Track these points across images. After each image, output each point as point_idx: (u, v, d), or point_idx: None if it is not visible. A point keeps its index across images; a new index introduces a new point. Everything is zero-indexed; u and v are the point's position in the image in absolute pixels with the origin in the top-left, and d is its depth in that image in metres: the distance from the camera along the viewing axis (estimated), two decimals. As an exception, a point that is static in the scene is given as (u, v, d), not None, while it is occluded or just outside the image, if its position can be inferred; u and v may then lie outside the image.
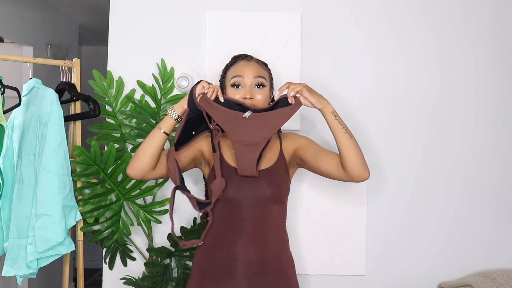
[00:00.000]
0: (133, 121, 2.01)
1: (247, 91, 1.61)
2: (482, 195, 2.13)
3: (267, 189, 1.59)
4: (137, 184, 1.92)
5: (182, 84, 2.05)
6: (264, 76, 1.65)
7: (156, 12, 2.10)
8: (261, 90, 1.63)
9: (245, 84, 1.62)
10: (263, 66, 1.69)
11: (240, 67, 1.65)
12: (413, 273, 2.12)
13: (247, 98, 1.60)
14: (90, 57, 4.79)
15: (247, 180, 1.59)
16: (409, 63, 2.13)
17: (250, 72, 1.63)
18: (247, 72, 1.63)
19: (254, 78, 1.62)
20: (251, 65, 1.65)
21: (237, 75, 1.63)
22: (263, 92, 1.63)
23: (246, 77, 1.62)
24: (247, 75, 1.63)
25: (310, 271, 2.08)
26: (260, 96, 1.62)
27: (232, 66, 1.68)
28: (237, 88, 1.63)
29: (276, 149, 1.68)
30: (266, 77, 1.67)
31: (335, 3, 2.12)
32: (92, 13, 3.86)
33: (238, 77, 1.63)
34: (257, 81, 1.62)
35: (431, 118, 2.12)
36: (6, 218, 1.88)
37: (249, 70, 1.64)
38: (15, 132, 1.90)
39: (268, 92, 1.66)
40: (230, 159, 1.63)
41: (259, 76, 1.63)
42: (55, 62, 2.00)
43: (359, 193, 2.09)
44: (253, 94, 1.61)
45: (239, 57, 1.71)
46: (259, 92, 1.62)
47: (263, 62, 1.73)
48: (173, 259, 2.00)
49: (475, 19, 2.14)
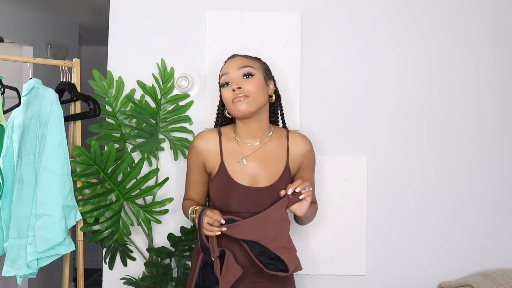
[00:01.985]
0: (133, 121, 2.01)
1: (234, 83, 1.59)
2: (482, 195, 2.13)
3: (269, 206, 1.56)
4: (137, 184, 1.92)
5: (182, 84, 2.05)
6: (251, 65, 1.63)
7: (156, 12, 2.10)
8: (250, 80, 1.59)
9: (232, 79, 1.61)
10: (250, 58, 1.67)
11: (226, 65, 1.66)
12: (413, 273, 2.12)
13: (234, 89, 1.58)
14: (90, 57, 4.79)
15: (250, 195, 1.60)
16: (409, 63, 2.13)
17: (234, 65, 1.62)
18: (231, 67, 1.62)
19: (239, 69, 1.61)
20: (234, 60, 1.65)
21: (224, 73, 1.63)
22: (253, 81, 1.59)
23: (231, 72, 1.61)
24: (231, 70, 1.62)
25: (310, 271, 2.08)
26: (249, 85, 1.58)
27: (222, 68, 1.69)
28: (226, 86, 1.62)
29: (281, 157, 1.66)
30: (254, 66, 1.63)
31: (335, 3, 2.12)
32: (92, 13, 3.86)
33: (224, 75, 1.63)
34: (242, 72, 1.60)
35: (431, 118, 2.12)
36: (6, 218, 1.88)
37: (232, 64, 1.63)
38: (15, 132, 1.90)
39: (261, 81, 1.62)
40: (233, 172, 1.62)
41: (243, 66, 1.61)
42: (55, 62, 2.00)
43: (359, 193, 2.09)
44: (240, 84, 1.58)
45: (227, 59, 1.71)
46: (248, 82, 1.59)
47: (252, 56, 1.71)
48: (173, 259, 2.00)
49: (475, 19, 2.14)
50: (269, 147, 1.66)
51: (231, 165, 1.63)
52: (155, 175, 1.96)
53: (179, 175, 2.06)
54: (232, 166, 1.63)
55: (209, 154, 1.66)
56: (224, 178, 1.62)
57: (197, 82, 2.07)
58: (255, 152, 1.65)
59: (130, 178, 1.91)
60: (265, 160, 1.64)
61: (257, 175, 1.62)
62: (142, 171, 1.95)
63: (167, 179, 1.95)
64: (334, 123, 2.11)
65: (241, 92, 1.57)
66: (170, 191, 2.05)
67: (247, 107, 1.57)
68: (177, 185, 2.07)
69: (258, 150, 1.65)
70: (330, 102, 2.11)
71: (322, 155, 2.05)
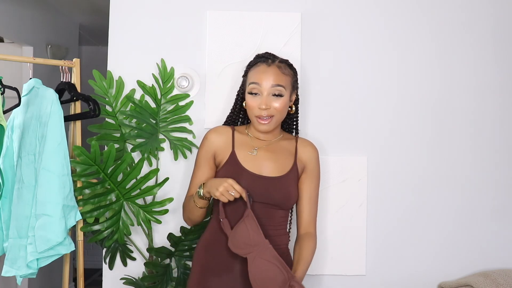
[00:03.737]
0: (133, 121, 2.01)
1: (263, 101, 1.60)
2: (482, 195, 2.13)
3: (276, 197, 1.62)
4: (137, 184, 1.92)
5: (182, 84, 2.05)
6: (283, 84, 1.62)
7: (156, 12, 2.10)
8: (278, 99, 1.62)
9: (262, 92, 1.61)
10: (284, 71, 1.65)
11: (259, 74, 1.63)
12: (413, 273, 2.12)
13: (262, 108, 1.60)
14: (90, 57, 4.79)
15: (259, 182, 1.61)
16: (409, 63, 2.12)
17: (268, 80, 1.61)
18: (265, 80, 1.61)
19: (272, 87, 1.61)
20: (270, 72, 1.62)
21: (254, 82, 1.62)
22: (281, 101, 1.62)
23: (264, 85, 1.61)
24: (264, 83, 1.61)
25: (310, 271, 2.07)
26: (276, 104, 1.61)
27: (253, 68, 1.67)
28: (254, 96, 1.63)
29: (290, 155, 1.71)
30: (286, 84, 1.64)
31: (335, 3, 2.12)
32: (92, 13, 3.87)
33: (255, 84, 1.62)
34: (274, 90, 1.61)
35: (432, 118, 2.12)
36: (6, 218, 1.88)
37: (267, 77, 1.61)
38: (15, 132, 1.90)
39: (287, 101, 1.65)
40: (243, 160, 1.64)
41: (277, 85, 1.61)
42: (55, 62, 2.00)
43: (359, 193, 2.09)
44: (269, 104, 1.60)
45: (261, 58, 1.68)
46: (276, 101, 1.61)
47: (287, 62, 1.69)
48: (173, 259, 2.00)
49: (475, 19, 2.14)
50: (280, 143, 1.72)
51: (242, 154, 1.66)
52: (155, 175, 1.96)
53: (179, 175, 2.06)
54: (243, 155, 1.66)
55: (221, 144, 1.69)
56: (233, 165, 1.64)
57: (197, 82, 2.07)
58: (267, 145, 1.70)
59: (130, 178, 1.91)
60: (275, 153, 1.69)
61: (267, 165, 1.65)
62: (142, 171, 1.95)
63: (167, 179, 1.95)
64: (334, 123, 2.11)
65: (268, 114, 1.61)
66: (170, 191, 2.05)
67: (269, 128, 1.64)
68: (177, 185, 2.07)
69: (269, 144, 1.70)
70: (330, 102, 2.11)
71: (322, 155, 2.05)
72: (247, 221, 1.52)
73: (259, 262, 1.50)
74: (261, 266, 1.50)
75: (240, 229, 1.53)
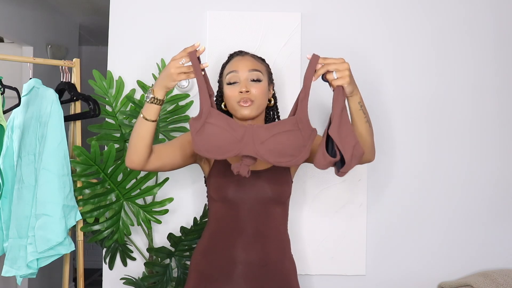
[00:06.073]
0: (133, 121, 2.01)
1: (242, 85, 1.57)
2: (482, 195, 2.13)
3: (268, 190, 1.55)
4: (137, 184, 1.92)
5: (182, 84, 2.05)
6: (260, 69, 1.61)
7: (156, 12, 2.10)
8: (257, 85, 1.58)
9: (240, 79, 1.58)
10: (259, 61, 1.65)
11: (235, 62, 1.62)
12: (413, 273, 2.12)
13: (242, 91, 1.55)
14: (90, 57, 4.79)
15: (248, 180, 1.55)
16: (409, 63, 2.13)
17: (245, 66, 1.59)
18: (241, 66, 1.59)
19: (249, 71, 1.58)
20: (245, 59, 1.62)
21: (232, 71, 1.59)
22: (260, 87, 1.58)
23: (241, 72, 1.58)
24: (241, 69, 1.58)
25: (310, 271, 2.08)
26: (255, 90, 1.57)
27: (228, 64, 1.65)
28: (233, 85, 1.59)
29: None
30: (263, 71, 1.62)
31: (335, 3, 2.12)
32: (92, 13, 3.87)
33: (233, 73, 1.59)
34: (252, 75, 1.58)
35: (431, 118, 2.12)
36: (6, 218, 1.89)
37: (243, 64, 1.60)
38: (15, 132, 1.90)
39: (266, 87, 1.61)
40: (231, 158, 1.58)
41: (254, 70, 1.59)
42: (55, 62, 2.00)
43: (359, 193, 2.09)
44: (248, 88, 1.57)
45: (234, 54, 1.68)
46: (255, 86, 1.57)
47: (259, 57, 1.69)
48: (173, 259, 2.00)
49: (475, 19, 2.14)
50: None
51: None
52: (155, 175, 1.96)
53: (179, 175, 2.06)
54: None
55: None
56: (222, 162, 1.58)
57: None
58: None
59: (130, 178, 1.91)
60: None
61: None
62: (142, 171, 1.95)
63: (167, 179, 1.95)
64: (334, 123, 2.10)
65: (248, 96, 1.56)
66: (170, 191, 2.05)
67: (251, 112, 1.57)
68: (177, 185, 2.07)
69: None
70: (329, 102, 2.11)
71: (322, 155, 2.05)
72: (211, 119, 1.36)
73: (265, 145, 1.37)
74: (268, 145, 1.36)
75: (208, 133, 1.36)
